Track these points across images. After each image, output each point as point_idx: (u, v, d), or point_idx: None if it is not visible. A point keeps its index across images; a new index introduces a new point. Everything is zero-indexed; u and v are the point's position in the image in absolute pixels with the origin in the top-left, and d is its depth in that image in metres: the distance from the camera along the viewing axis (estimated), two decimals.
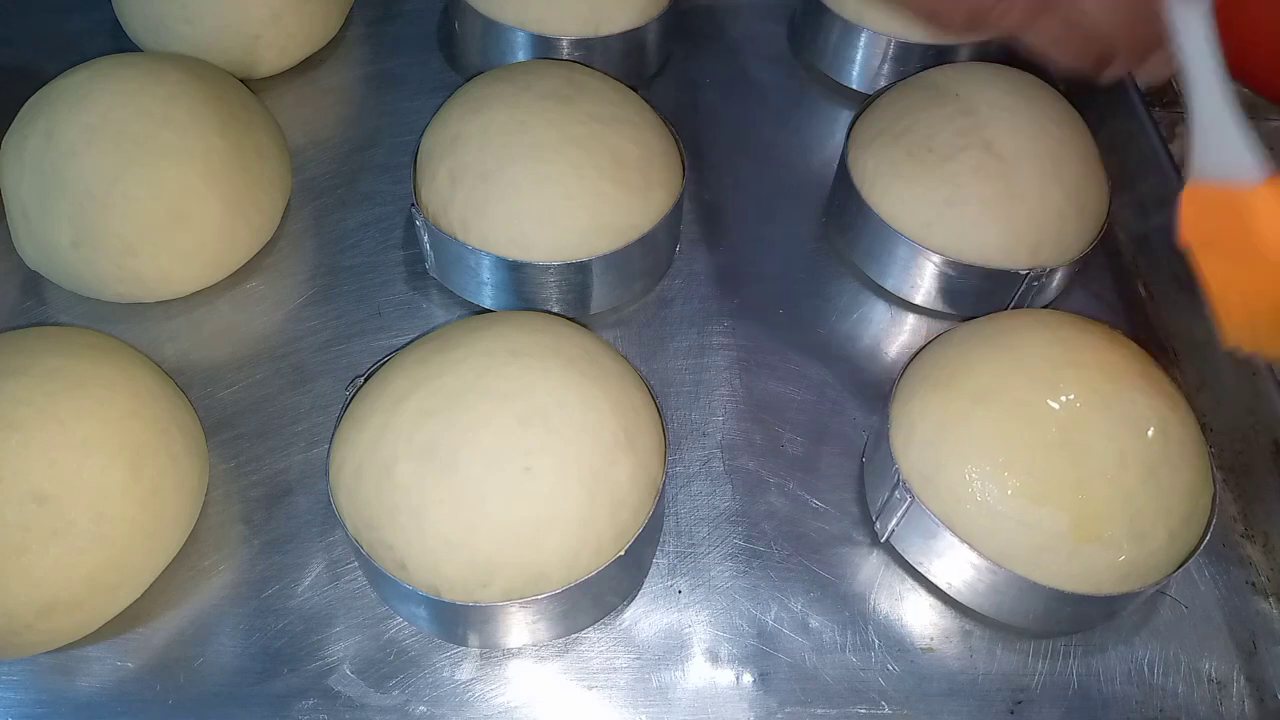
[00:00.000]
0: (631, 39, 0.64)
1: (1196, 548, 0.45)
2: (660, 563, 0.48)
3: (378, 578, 0.44)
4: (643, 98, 0.58)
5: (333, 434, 0.46)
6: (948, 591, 0.47)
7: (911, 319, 0.58)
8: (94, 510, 0.43)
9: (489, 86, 0.55)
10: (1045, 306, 0.57)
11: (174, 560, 0.47)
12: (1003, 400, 0.45)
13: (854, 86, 0.68)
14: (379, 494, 0.43)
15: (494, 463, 0.42)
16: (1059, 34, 0.41)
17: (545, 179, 0.52)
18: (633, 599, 0.47)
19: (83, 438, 0.43)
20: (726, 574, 0.48)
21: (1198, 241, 0.40)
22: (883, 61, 0.66)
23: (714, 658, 0.46)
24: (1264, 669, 0.47)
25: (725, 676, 0.46)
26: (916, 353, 0.50)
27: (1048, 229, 0.54)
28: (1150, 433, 0.44)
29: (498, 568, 0.42)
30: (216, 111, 0.54)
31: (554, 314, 0.51)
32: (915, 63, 0.64)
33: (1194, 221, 0.39)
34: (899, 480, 0.46)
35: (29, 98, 0.54)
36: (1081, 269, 0.56)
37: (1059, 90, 0.58)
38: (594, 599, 0.45)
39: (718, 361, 0.55)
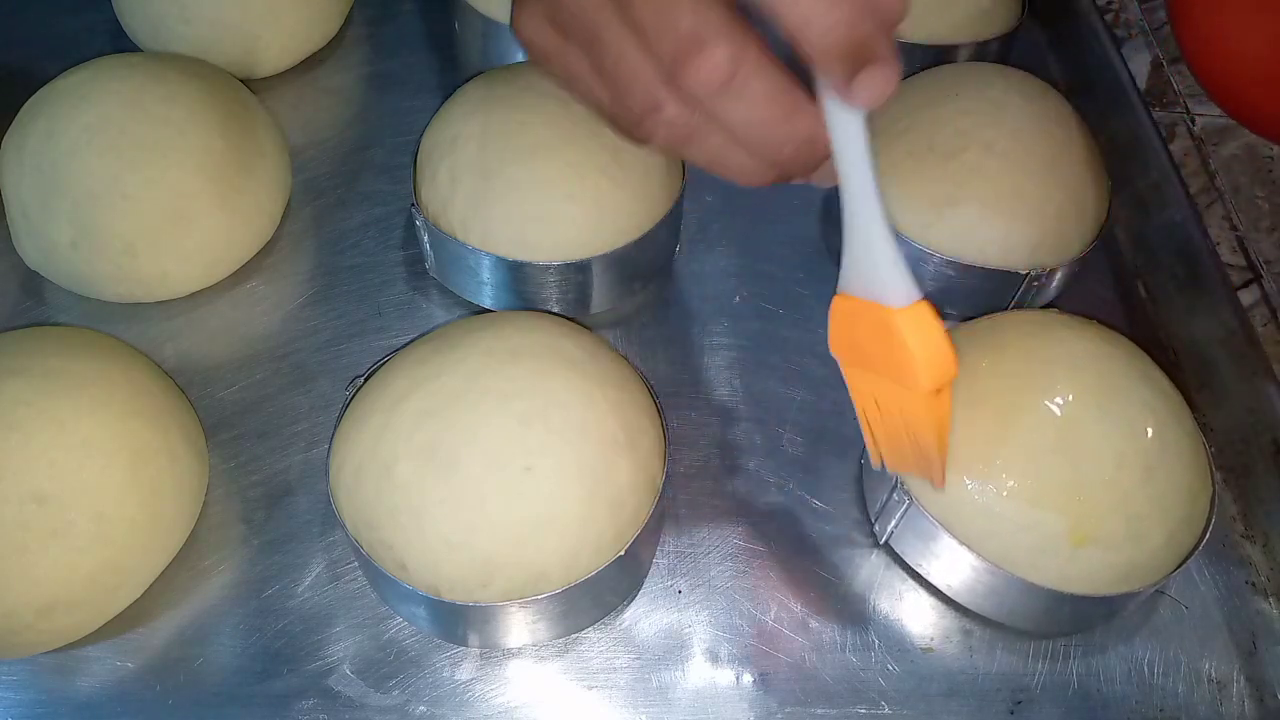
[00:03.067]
0: None
1: (1195, 548, 0.45)
2: (660, 563, 0.48)
3: (378, 578, 0.44)
4: None
5: (333, 434, 0.46)
6: (947, 593, 0.47)
7: None
8: (94, 510, 0.43)
9: (489, 86, 0.55)
10: (1045, 306, 0.57)
11: (174, 560, 0.47)
12: (999, 402, 0.45)
13: None
14: (379, 494, 0.43)
15: (494, 463, 0.42)
16: (720, 150, 0.36)
17: (545, 179, 0.52)
18: (633, 599, 0.47)
19: (83, 438, 0.43)
20: (726, 574, 0.48)
21: (845, 354, 0.38)
22: None
23: (714, 658, 0.46)
24: (1264, 669, 0.47)
25: (725, 676, 0.46)
26: None
27: (1048, 229, 0.54)
28: (1149, 434, 0.44)
29: (498, 568, 0.42)
30: (216, 111, 0.54)
31: (554, 314, 0.51)
32: (915, 63, 0.64)
33: (842, 333, 0.38)
34: (897, 482, 0.46)
35: (29, 98, 0.54)
36: (1081, 269, 0.56)
37: (1059, 90, 0.58)
38: (594, 599, 0.45)
39: (718, 361, 0.55)
